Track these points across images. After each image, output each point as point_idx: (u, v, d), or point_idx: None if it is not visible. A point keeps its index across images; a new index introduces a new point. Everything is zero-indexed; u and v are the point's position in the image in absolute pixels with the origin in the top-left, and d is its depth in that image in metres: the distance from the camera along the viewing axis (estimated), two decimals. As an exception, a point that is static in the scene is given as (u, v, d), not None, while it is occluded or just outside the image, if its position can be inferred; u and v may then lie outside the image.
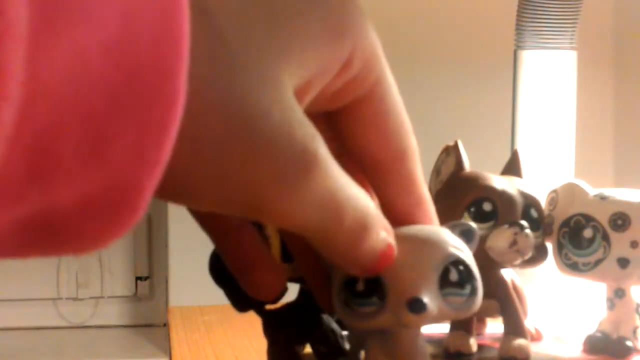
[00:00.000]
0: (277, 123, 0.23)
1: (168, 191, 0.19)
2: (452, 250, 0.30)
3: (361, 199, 0.26)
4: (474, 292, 0.30)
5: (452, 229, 0.31)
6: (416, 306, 0.28)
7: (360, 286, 0.29)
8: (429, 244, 0.29)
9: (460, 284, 0.29)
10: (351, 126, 0.28)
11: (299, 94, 0.24)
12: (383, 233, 0.27)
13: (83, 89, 0.17)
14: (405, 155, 0.29)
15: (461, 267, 0.30)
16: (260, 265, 0.30)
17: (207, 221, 0.30)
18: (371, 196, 0.29)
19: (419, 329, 0.31)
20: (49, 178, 0.17)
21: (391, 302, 0.29)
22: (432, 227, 0.31)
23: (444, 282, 0.29)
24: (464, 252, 0.30)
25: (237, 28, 0.22)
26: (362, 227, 0.26)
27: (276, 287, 0.31)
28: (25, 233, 0.18)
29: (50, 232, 0.18)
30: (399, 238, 0.28)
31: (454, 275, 0.29)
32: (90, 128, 0.17)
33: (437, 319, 0.30)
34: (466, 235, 0.31)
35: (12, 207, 0.17)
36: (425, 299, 0.29)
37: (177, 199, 0.23)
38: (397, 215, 0.30)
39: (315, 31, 0.25)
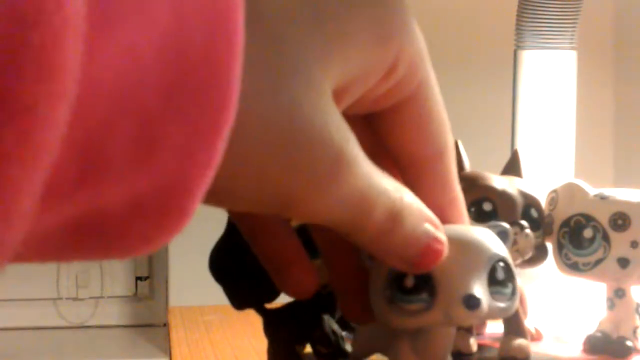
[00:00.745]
0: (316, 129, 0.23)
1: (205, 193, 0.19)
2: (497, 249, 0.30)
3: (392, 192, 0.26)
4: (514, 291, 0.30)
5: (490, 229, 0.31)
6: (472, 302, 0.28)
7: (409, 282, 0.29)
8: (478, 242, 0.29)
9: (504, 283, 0.29)
10: (392, 126, 0.28)
11: (338, 95, 0.24)
12: (426, 226, 0.27)
13: (136, 87, 0.16)
14: (443, 155, 0.29)
15: (504, 266, 0.29)
16: (295, 264, 0.30)
17: (242, 220, 0.30)
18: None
19: (454, 329, 0.31)
20: (100, 178, 0.17)
21: (442, 298, 0.29)
22: (474, 227, 0.31)
23: (492, 280, 0.29)
24: (505, 252, 0.30)
25: (286, 27, 0.22)
26: (392, 219, 0.26)
27: (311, 286, 0.31)
28: (72, 234, 0.18)
29: (98, 234, 0.18)
30: (446, 235, 0.28)
31: (500, 274, 0.29)
32: (142, 127, 0.17)
33: (485, 317, 0.29)
34: (501, 236, 0.31)
35: (61, 208, 0.17)
36: (480, 296, 0.28)
37: (213, 200, 0.22)
38: None
39: (361, 35, 0.24)
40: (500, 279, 0.29)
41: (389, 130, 0.28)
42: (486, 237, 0.30)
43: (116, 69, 0.16)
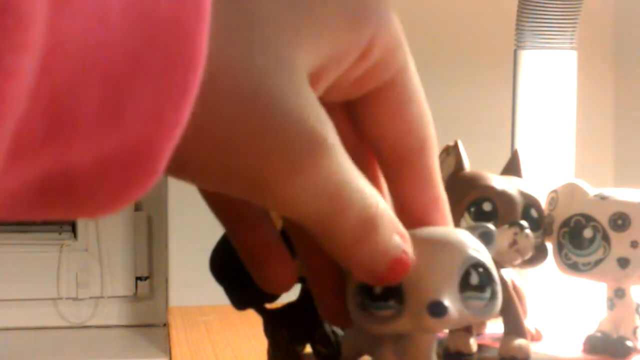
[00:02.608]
0: (287, 106, 0.22)
1: (173, 164, 0.19)
2: (473, 252, 0.29)
3: (369, 196, 0.25)
4: (494, 295, 0.29)
5: (471, 230, 0.30)
6: (437, 310, 0.28)
7: (378, 289, 0.28)
8: (450, 246, 0.28)
9: (480, 287, 0.29)
10: (372, 115, 0.28)
11: (313, 78, 0.24)
12: (396, 238, 0.26)
13: (102, 46, 0.16)
14: (425, 146, 0.28)
15: (481, 270, 0.29)
16: (274, 258, 0.30)
17: (222, 211, 0.30)
18: (384, 198, 0.28)
19: (435, 334, 0.30)
20: (66, 137, 0.17)
21: (410, 305, 0.28)
22: (451, 228, 0.30)
23: (465, 285, 0.28)
24: (484, 255, 0.29)
25: (256, 5, 0.22)
26: (367, 226, 0.25)
27: (288, 281, 0.30)
28: (39, 192, 0.18)
29: (66, 193, 0.18)
30: (417, 239, 0.28)
31: (474, 279, 0.28)
32: (109, 87, 0.17)
33: (457, 323, 0.29)
34: (485, 237, 0.30)
35: (27, 166, 0.17)
36: (447, 303, 0.28)
37: (182, 174, 0.22)
38: (412, 213, 0.29)
39: (333, 16, 0.24)
40: (474, 284, 0.28)
41: (369, 119, 0.28)
42: (460, 241, 0.29)
43: (82, 27, 0.16)
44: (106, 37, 0.16)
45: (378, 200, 0.25)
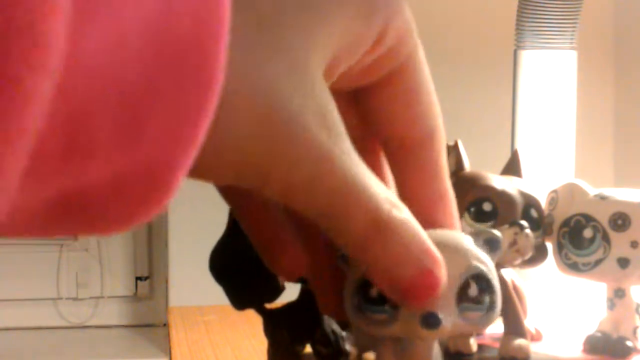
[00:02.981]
0: (294, 114, 0.22)
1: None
2: (474, 262, 0.28)
3: (382, 201, 0.24)
4: (492, 307, 0.28)
5: (476, 236, 0.29)
6: (430, 321, 0.27)
7: (374, 292, 0.28)
8: (450, 254, 0.27)
9: (478, 299, 0.28)
10: (380, 103, 0.27)
11: (328, 72, 0.24)
12: (417, 254, 0.25)
13: (120, 66, 0.16)
14: (433, 138, 0.28)
15: (481, 282, 0.28)
16: (286, 240, 0.29)
17: (231, 196, 0.29)
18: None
19: (433, 341, 0.30)
20: (84, 155, 0.17)
21: (404, 312, 0.27)
22: (454, 233, 0.29)
23: (462, 296, 0.27)
24: (486, 264, 0.28)
25: (270, 8, 0.22)
26: (377, 228, 0.24)
27: (301, 265, 0.30)
28: (55, 210, 0.18)
29: (81, 210, 0.18)
30: None
31: (473, 290, 0.27)
32: (126, 106, 0.17)
33: (451, 334, 0.28)
34: (490, 244, 0.29)
35: (44, 185, 0.17)
36: (441, 315, 0.27)
37: (193, 174, 0.22)
38: (417, 209, 0.28)
39: (345, 9, 0.24)
40: (472, 296, 0.27)
41: (376, 107, 0.28)
42: (463, 249, 0.28)
43: (101, 47, 0.16)
44: (123, 56, 0.16)
45: (393, 207, 0.25)
